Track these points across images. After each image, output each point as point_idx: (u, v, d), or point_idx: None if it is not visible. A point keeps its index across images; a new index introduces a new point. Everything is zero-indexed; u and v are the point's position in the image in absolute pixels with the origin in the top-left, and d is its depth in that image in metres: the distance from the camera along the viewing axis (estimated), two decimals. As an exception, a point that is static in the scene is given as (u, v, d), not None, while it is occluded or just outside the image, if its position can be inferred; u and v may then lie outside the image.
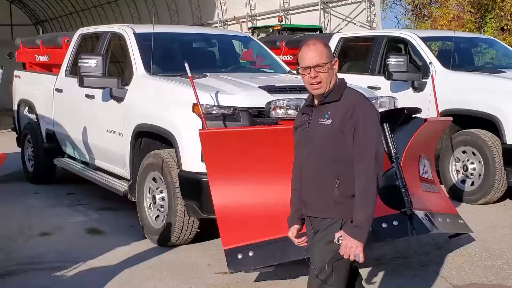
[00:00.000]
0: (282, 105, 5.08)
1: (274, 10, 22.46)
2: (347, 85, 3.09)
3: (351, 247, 2.90)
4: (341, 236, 2.94)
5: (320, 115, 3.01)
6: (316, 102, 3.07)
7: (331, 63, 3.01)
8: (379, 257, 5.43)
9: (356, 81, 7.35)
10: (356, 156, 2.92)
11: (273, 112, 5.07)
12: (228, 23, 24.79)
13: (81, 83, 6.30)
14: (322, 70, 2.96)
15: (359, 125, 2.91)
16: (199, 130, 4.66)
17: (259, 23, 22.78)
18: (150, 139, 6.07)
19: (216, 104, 5.16)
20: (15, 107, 9.37)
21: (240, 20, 22.72)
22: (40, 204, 7.48)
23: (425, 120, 5.13)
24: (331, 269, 3.02)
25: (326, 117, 2.97)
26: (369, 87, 6.83)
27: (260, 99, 5.18)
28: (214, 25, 24.64)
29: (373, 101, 5.56)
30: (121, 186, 6.41)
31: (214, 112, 5.15)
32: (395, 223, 4.66)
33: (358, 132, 2.90)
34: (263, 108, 5.11)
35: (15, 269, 5.13)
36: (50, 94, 8.01)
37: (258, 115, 5.17)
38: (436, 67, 7.79)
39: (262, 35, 15.76)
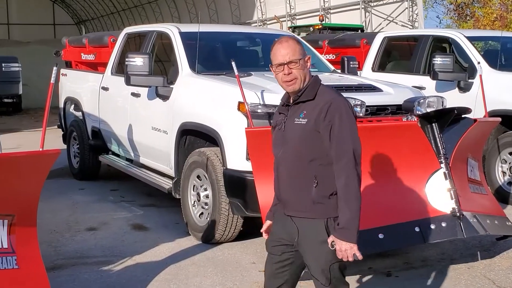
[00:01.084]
0: (328, 104, 5.05)
1: (314, 9, 22.39)
2: (321, 82, 3.05)
3: (346, 250, 2.86)
4: (333, 241, 2.90)
5: (295, 114, 2.98)
6: (291, 100, 3.04)
7: (304, 59, 2.98)
8: (424, 258, 5.37)
9: (401, 80, 7.33)
10: (334, 155, 2.88)
11: (319, 111, 5.05)
12: (268, 22, 24.80)
13: (127, 82, 6.39)
14: (295, 67, 2.94)
15: (335, 123, 2.86)
16: (245, 128, 4.68)
17: (299, 22, 22.73)
18: (195, 137, 6.12)
19: (261, 102, 5.18)
20: (61, 105, 9.54)
21: (280, 19, 22.70)
22: (86, 200, 7.62)
23: (475, 120, 5.06)
24: (336, 269, 3.01)
25: (302, 116, 2.94)
26: (414, 86, 6.75)
27: (306, 98, 5.16)
28: (253, 25, 24.68)
29: (421, 100, 5.50)
30: (166, 184, 6.48)
31: (259, 110, 5.17)
32: (443, 224, 4.62)
33: (334, 131, 2.86)
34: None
35: (63, 263, 5.24)
36: (96, 92, 8.14)
37: (303, 113, 5.15)
38: (483, 67, 7.65)
39: (303, 34, 15.72)
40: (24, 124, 17.33)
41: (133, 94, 7.00)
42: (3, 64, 5.43)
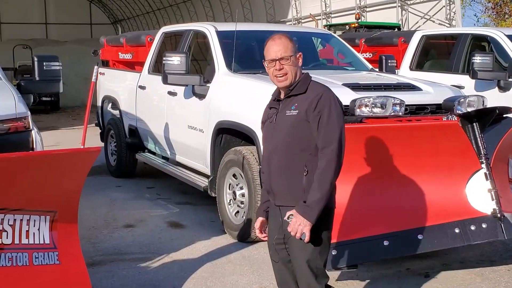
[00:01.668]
0: (368, 103, 5.02)
1: (350, 7, 22.21)
2: (312, 78, 3.20)
3: (300, 225, 2.97)
4: (292, 214, 3.01)
5: (287, 107, 3.11)
6: (282, 96, 3.18)
7: (296, 56, 3.12)
8: (463, 260, 5.30)
9: (439, 79, 7.22)
10: (320, 143, 3.01)
11: (358, 110, 5.02)
12: (303, 20, 24.73)
13: (165, 80, 6.44)
14: (286, 63, 3.09)
15: (324, 114, 3.01)
16: (283, 127, 4.65)
17: (334, 21, 22.60)
18: (231, 136, 6.13)
19: (299, 101, 5.14)
20: (99, 103, 9.67)
21: (316, 18, 22.60)
22: (123, 197, 7.71)
23: (517, 120, 4.95)
24: (319, 260, 3.14)
25: (293, 108, 3.07)
26: (453, 86, 6.65)
27: (344, 97, 5.11)
28: (288, 23, 24.61)
29: (461, 99, 5.42)
30: (202, 182, 6.52)
31: (296, 109, 5.14)
32: (484, 225, 4.53)
33: (323, 120, 3.01)
34: (347, 106, 5.06)
35: (102, 259, 5.32)
36: (133, 91, 8.22)
37: (342, 113, 5.11)
38: (523, 66, 7.51)
39: (338, 32, 15.60)
40: (62, 122, 17.66)
41: (170, 93, 7.05)
42: (44, 63, 5.49)
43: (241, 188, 5.78)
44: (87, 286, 3.85)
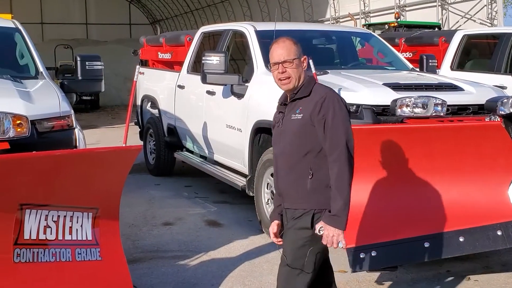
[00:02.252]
0: (409, 103, 4.97)
1: (389, 7, 21.98)
2: (316, 81, 3.19)
3: (333, 236, 2.99)
4: (322, 227, 3.02)
5: (292, 111, 3.12)
6: (289, 99, 3.17)
7: (300, 59, 3.12)
8: (505, 262, 5.21)
9: (481, 79, 7.08)
10: (328, 147, 3.01)
11: (399, 110, 4.97)
12: (341, 20, 24.58)
13: (204, 80, 6.48)
14: (290, 66, 3.08)
15: (328, 117, 3.00)
16: (323, 127, 4.63)
17: (373, 20, 22.40)
18: (269, 135, 6.12)
19: (338, 101, 5.11)
20: (138, 103, 9.78)
21: (354, 17, 22.44)
22: (161, 195, 7.79)
23: None
24: (302, 256, 3.12)
25: (298, 112, 3.08)
26: (495, 86, 6.52)
27: (384, 97, 5.09)
28: (326, 23, 24.50)
29: (505, 100, 5.31)
30: (240, 181, 6.53)
31: (336, 109, 5.11)
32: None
33: (328, 124, 3.00)
34: (388, 106, 5.01)
35: (141, 256, 5.38)
36: (172, 90, 8.30)
37: (382, 113, 5.08)
38: None
39: (377, 32, 15.45)
40: (102, 121, 17.94)
41: (209, 92, 7.09)
42: (87, 63, 5.58)
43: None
44: (128, 282, 3.90)
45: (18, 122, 4.05)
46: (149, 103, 9.43)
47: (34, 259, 3.53)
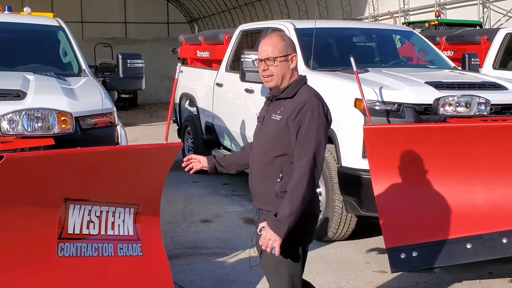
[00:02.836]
0: (452, 102, 4.89)
1: (429, 4, 21.67)
2: (306, 83, 3.05)
3: (269, 239, 2.88)
4: (264, 227, 2.94)
5: (273, 110, 3.03)
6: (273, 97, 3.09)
7: (287, 57, 2.97)
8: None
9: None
10: (296, 154, 2.91)
11: (441, 109, 4.90)
12: (380, 18, 24.33)
13: (242, 78, 6.48)
14: (272, 64, 2.96)
15: (304, 124, 2.88)
16: (364, 126, 4.61)
17: (412, 18, 22.12)
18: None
19: (379, 99, 5.08)
20: (177, 100, 9.85)
21: (394, 15, 22.20)
22: (199, 192, 7.84)
23: None
24: (292, 265, 3.04)
25: (278, 113, 2.99)
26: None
27: (427, 95, 5.02)
28: (364, 21, 24.28)
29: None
30: (278, 179, 6.51)
31: (377, 107, 5.08)
32: None
33: (302, 130, 2.88)
34: (430, 104, 4.94)
35: (180, 253, 5.42)
36: (211, 88, 8.33)
37: (424, 111, 5.01)
38: None
39: (417, 30, 15.23)
40: (140, 119, 18.15)
41: (247, 91, 7.09)
42: (128, 61, 5.66)
43: (318, 187, 5.74)
44: (168, 278, 3.92)
45: (62, 118, 4.11)
46: (187, 101, 9.49)
47: (77, 253, 3.57)
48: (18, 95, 4.28)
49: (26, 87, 4.43)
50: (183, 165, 3.41)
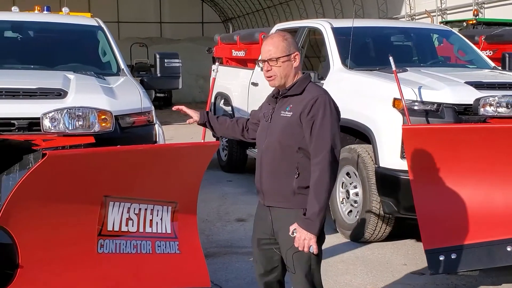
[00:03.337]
0: (493, 102, 4.80)
1: (467, 3, 21.33)
2: (311, 80, 3.11)
3: (304, 239, 2.92)
4: (295, 229, 2.95)
5: (282, 107, 3.06)
6: (280, 94, 3.11)
7: (289, 56, 3.01)
8: None
9: None
10: (312, 150, 2.94)
11: (482, 109, 4.82)
12: (416, 17, 24.04)
13: (279, 77, 6.45)
14: (274, 64, 3.01)
15: (317, 119, 2.93)
16: (403, 126, 4.56)
17: (449, 17, 21.79)
18: (344, 134, 6.04)
19: (418, 99, 5.02)
20: (212, 100, 9.88)
21: (431, 14, 21.89)
22: (234, 191, 7.85)
23: None
24: (314, 259, 3.06)
25: (288, 110, 3.02)
26: None
27: (467, 95, 4.94)
28: (401, 20, 24.01)
29: None
30: (313, 179, 6.48)
31: (416, 107, 5.02)
32: None
33: (316, 126, 2.93)
34: (470, 105, 4.86)
35: (216, 251, 5.44)
36: (246, 88, 8.34)
37: (463, 112, 4.93)
38: None
39: (455, 29, 15.01)
40: (174, 118, 18.24)
41: (283, 90, 7.06)
42: (165, 60, 5.71)
43: (355, 187, 5.70)
44: (205, 276, 3.94)
45: (103, 117, 4.16)
46: (222, 100, 9.51)
47: (116, 250, 3.61)
48: (60, 94, 4.34)
49: (67, 86, 4.50)
50: (173, 108, 3.71)
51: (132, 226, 3.71)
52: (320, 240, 3.04)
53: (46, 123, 4.03)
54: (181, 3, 40.09)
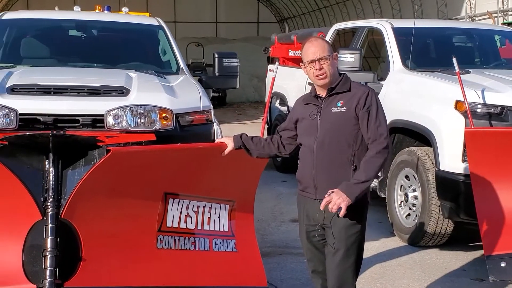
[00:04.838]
0: (560, 105, 4.63)
1: (530, 4, 20.69)
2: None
3: (338, 199, 3.06)
4: (332, 191, 3.10)
5: (331, 104, 3.24)
6: (323, 94, 3.28)
7: (332, 56, 3.25)
8: None
9: None
10: (370, 136, 3.16)
11: (548, 113, 4.65)
12: (477, 18, 23.43)
13: (337, 77, 6.41)
14: (325, 62, 3.22)
15: (373, 110, 3.18)
16: (465, 129, 4.45)
17: (511, 19, 21.14)
18: (403, 136, 5.97)
19: (481, 102, 4.90)
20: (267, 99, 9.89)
21: (493, 15, 21.30)
22: (289, 192, 7.82)
23: None
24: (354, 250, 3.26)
25: (339, 105, 3.21)
26: None
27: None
28: (461, 20, 23.46)
29: None
30: (371, 182, 6.40)
31: (479, 110, 4.90)
32: None
33: (372, 116, 3.17)
34: (536, 109, 4.71)
35: (270, 251, 5.44)
36: (302, 88, 8.28)
37: (528, 116, 4.78)
38: None
39: (518, 30, 14.58)
40: (229, 117, 18.39)
41: (340, 90, 7.01)
42: (224, 60, 5.77)
43: (414, 190, 5.60)
44: (262, 275, 3.95)
45: (164, 115, 4.23)
46: (278, 100, 9.51)
47: (175, 246, 3.65)
48: (122, 91, 4.43)
49: (129, 84, 4.58)
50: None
51: (191, 223, 3.75)
52: (362, 222, 3.25)
53: (110, 120, 4.12)
54: (237, 3, 40.30)
